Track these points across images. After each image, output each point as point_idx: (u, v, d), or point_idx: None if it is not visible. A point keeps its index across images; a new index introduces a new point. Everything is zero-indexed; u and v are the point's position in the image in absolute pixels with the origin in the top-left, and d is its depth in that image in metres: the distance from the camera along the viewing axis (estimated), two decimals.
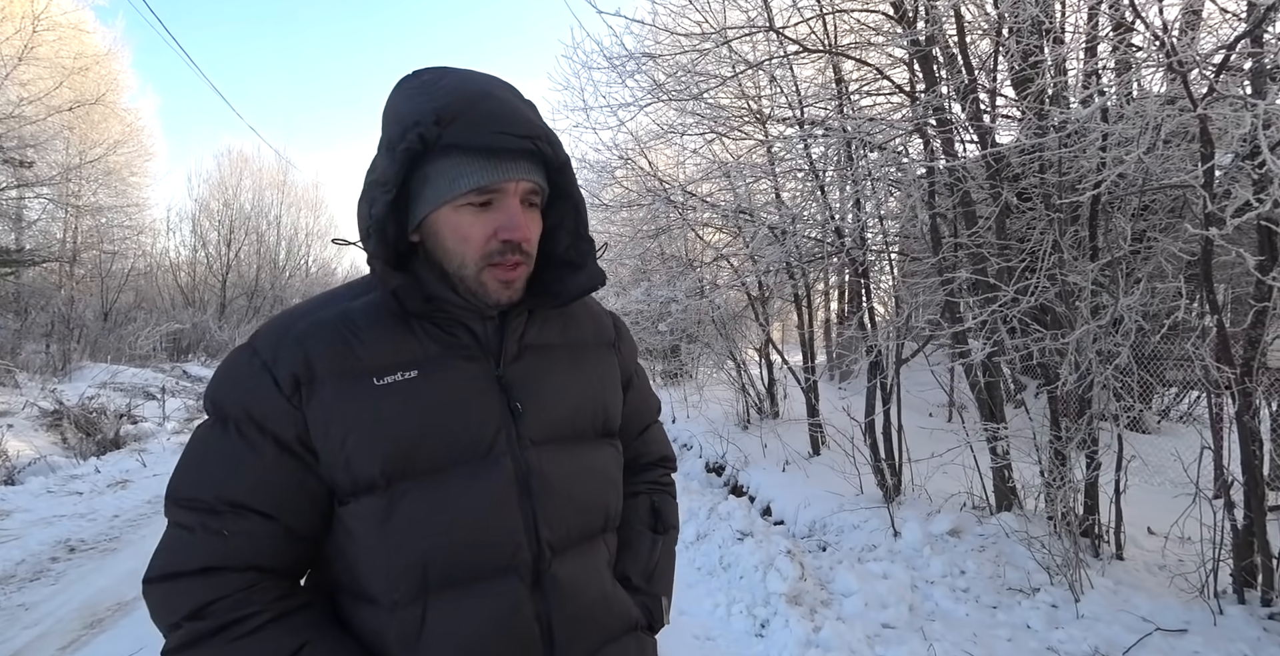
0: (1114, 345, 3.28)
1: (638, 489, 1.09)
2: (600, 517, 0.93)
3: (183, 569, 0.77)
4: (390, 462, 0.79)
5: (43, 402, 8.15)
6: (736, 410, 7.08)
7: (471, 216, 0.82)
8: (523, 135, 0.79)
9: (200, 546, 0.77)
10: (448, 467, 0.81)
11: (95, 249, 16.35)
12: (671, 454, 1.19)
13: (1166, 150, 3.41)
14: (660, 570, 1.04)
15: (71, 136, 14.95)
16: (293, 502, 0.80)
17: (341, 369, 0.81)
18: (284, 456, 0.79)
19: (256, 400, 0.80)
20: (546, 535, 0.85)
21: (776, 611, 3.06)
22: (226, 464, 0.79)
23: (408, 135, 0.78)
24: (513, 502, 0.83)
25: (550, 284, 0.92)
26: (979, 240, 3.84)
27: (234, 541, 0.77)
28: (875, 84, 4.93)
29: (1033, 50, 3.57)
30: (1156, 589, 3.07)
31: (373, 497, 0.80)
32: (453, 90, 0.81)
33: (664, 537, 1.07)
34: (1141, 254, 4.04)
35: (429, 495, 0.80)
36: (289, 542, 0.81)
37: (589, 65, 5.68)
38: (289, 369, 0.80)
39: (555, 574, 0.85)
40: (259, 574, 0.79)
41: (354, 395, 0.80)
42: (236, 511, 0.78)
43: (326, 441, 0.79)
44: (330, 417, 0.79)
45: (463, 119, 0.78)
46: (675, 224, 6.59)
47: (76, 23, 14.53)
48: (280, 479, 0.79)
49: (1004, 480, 3.81)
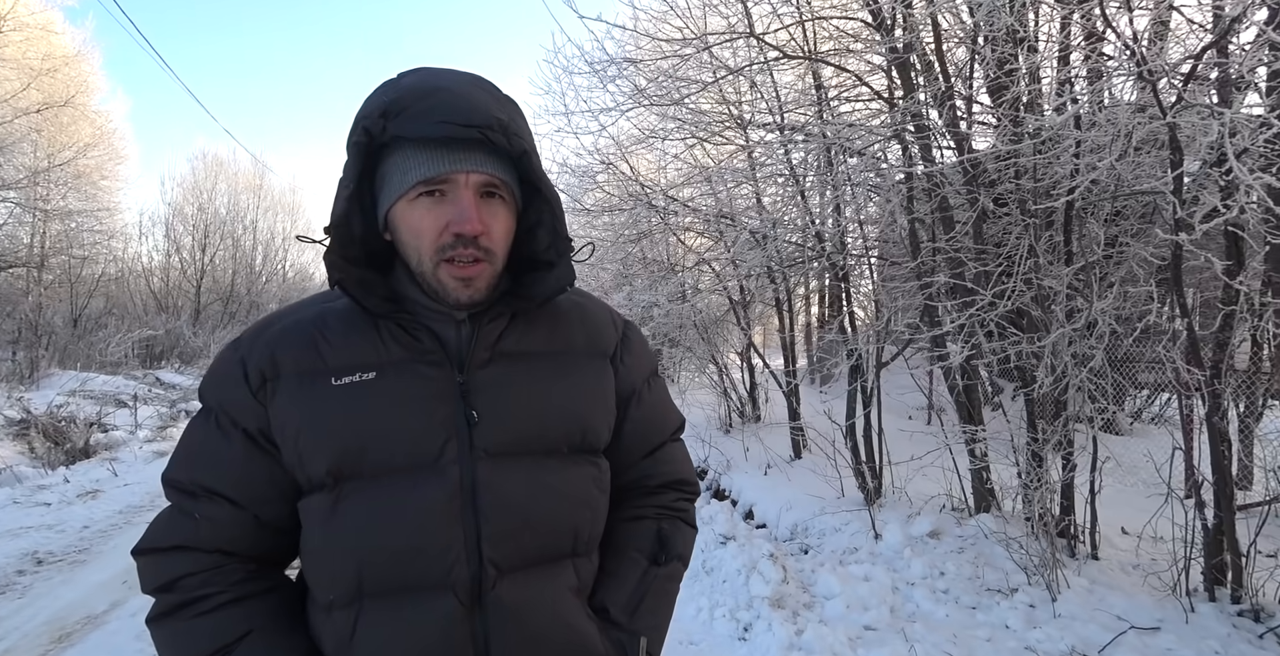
0: (1089, 348, 3.34)
1: (643, 513, 0.99)
2: (565, 540, 0.87)
3: (159, 544, 0.82)
4: (337, 462, 0.80)
5: (9, 411, 7.94)
6: (719, 414, 7.10)
7: (423, 210, 0.80)
8: (469, 124, 0.77)
9: (175, 525, 0.83)
10: (391, 473, 0.80)
11: (64, 254, 15.98)
12: (691, 477, 1.06)
13: (1138, 157, 3.49)
14: (648, 605, 0.92)
15: (40, 139, 14.63)
16: (260, 493, 0.83)
17: (304, 368, 0.82)
18: (252, 449, 0.82)
19: (229, 394, 0.83)
20: (490, 553, 0.80)
21: (759, 615, 3.07)
22: (204, 451, 0.84)
23: (356, 129, 0.79)
24: (454, 515, 0.79)
25: (528, 286, 0.90)
26: (957, 245, 3.89)
27: (204, 523, 0.82)
28: (854, 90, 4.99)
29: (1008, 58, 3.64)
30: (1131, 588, 3.12)
31: (321, 495, 0.81)
32: (410, 85, 0.81)
33: (662, 569, 0.95)
34: (1114, 258, 4.13)
35: (370, 498, 0.80)
36: (258, 530, 0.83)
37: (570, 70, 5.68)
38: (257, 366, 0.83)
39: (500, 595, 0.80)
40: (225, 556, 0.82)
41: (311, 394, 0.81)
42: (208, 496, 0.82)
43: (284, 437, 0.82)
44: (288, 414, 0.81)
45: (410, 111, 0.78)
46: (657, 228, 6.60)
47: (44, 23, 14.23)
48: (249, 469, 0.82)
49: (982, 482, 3.86)
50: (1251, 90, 3.06)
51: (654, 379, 1.04)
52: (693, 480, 1.07)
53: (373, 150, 0.81)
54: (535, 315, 0.91)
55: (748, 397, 7.05)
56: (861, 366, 4.45)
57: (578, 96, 5.58)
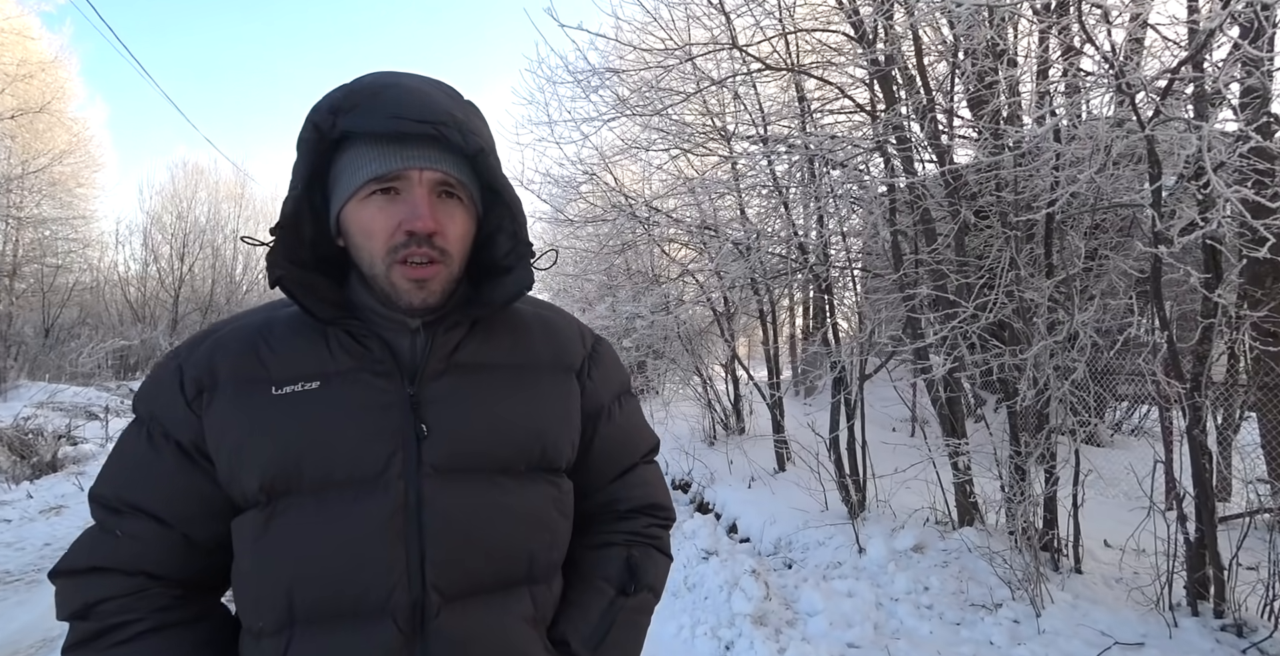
0: (1070, 360, 3.33)
1: (611, 540, 0.92)
2: (520, 566, 0.80)
3: (76, 565, 0.76)
4: (271, 476, 0.74)
5: None
6: (703, 426, 7.05)
7: (375, 209, 0.76)
8: (421, 119, 0.74)
9: (96, 545, 0.77)
10: (330, 488, 0.75)
11: (38, 262, 15.71)
12: (665, 502, 0.98)
13: (1117, 170, 3.52)
14: (614, 638, 0.85)
15: (14, 145, 14.42)
16: (191, 510, 0.77)
17: (243, 376, 0.77)
18: (184, 463, 0.77)
19: (162, 404, 0.79)
20: (434, 578, 0.74)
21: (741, 633, 3.01)
22: (132, 465, 0.78)
23: (305, 127, 0.76)
24: (395, 534, 0.74)
25: (486, 292, 0.85)
26: (939, 257, 3.89)
27: (126, 542, 0.76)
28: (837, 103, 5.01)
29: (988, 72, 3.66)
30: (1114, 602, 3.10)
31: (253, 513, 0.75)
32: (363, 83, 0.78)
33: (631, 599, 0.88)
34: (1095, 271, 4.15)
35: (305, 515, 0.74)
36: (187, 552, 0.77)
37: (554, 80, 5.66)
38: (194, 374, 0.78)
39: (443, 624, 0.74)
40: (148, 579, 0.76)
41: (249, 404, 0.76)
42: (133, 513, 0.76)
43: (219, 451, 0.76)
44: (224, 426, 0.76)
45: (361, 106, 0.75)
46: (641, 240, 6.58)
47: (20, 28, 14.05)
48: (180, 485, 0.77)
49: (966, 495, 3.83)
50: (1225, 106, 3.09)
51: (626, 397, 0.98)
52: (667, 505, 0.99)
53: (324, 149, 0.77)
54: (496, 326, 0.87)
55: (732, 409, 7.01)
56: (845, 378, 4.43)
57: (561, 106, 5.54)
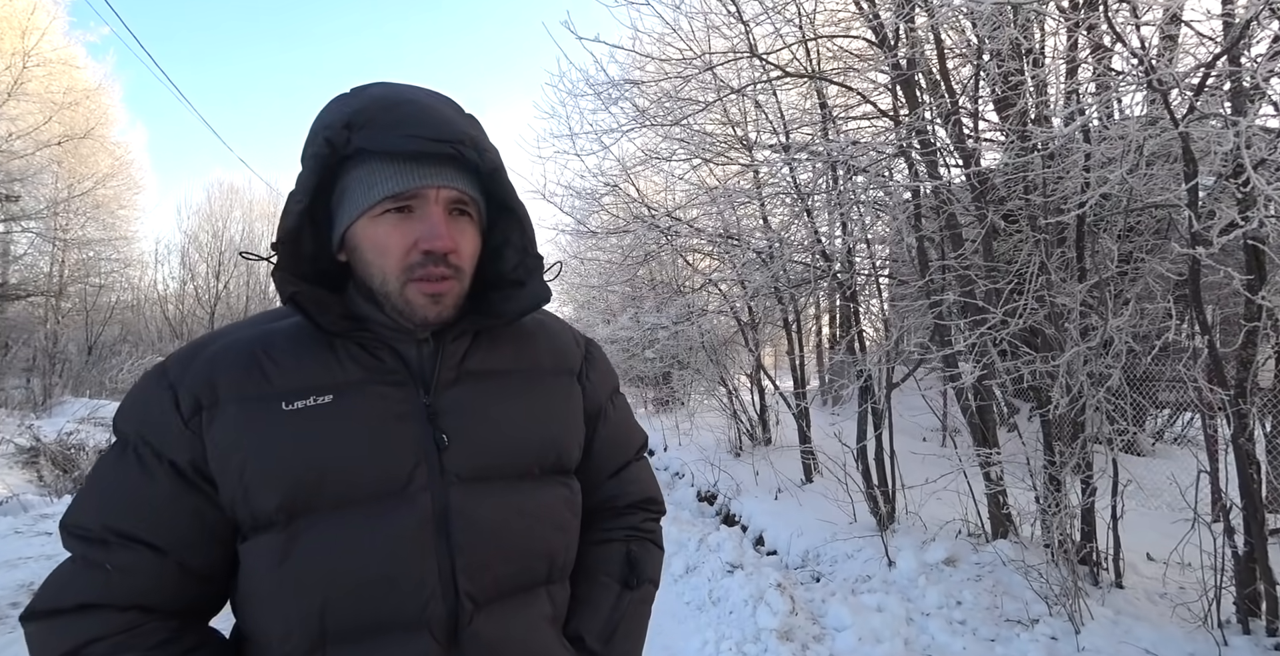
0: (1105, 367, 3.22)
1: (611, 536, 0.96)
2: (541, 567, 0.82)
3: (60, 605, 0.70)
4: (290, 495, 0.72)
5: (19, 439, 7.97)
6: (728, 437, 6.98)
7: (390, 227, 0.76)
8: (440, 138, 0.74)
9: (81, 581, 0.71)
10: (355, 503, 0.73)
11: (82, 282, 16.25)
12: (657, 495, 1.03)
13: (1150, 170, 3.41)
14: (624, 630, 0.89)
15: (60, 170, 14.96)
16: (188, 536, 0.73)
17: (248, 392, 0.74)
18: (180, 485, 0.73)
19: (154, 424, 0.74)
20: (466, 586, 0.75)
21: (767, 648, 2.94)
22: (119, 491, 0.73)
23: (315, 141, 0.74)
24: (427, 547, 0.74)
25: (497, 304, 0.85)
26: (966, 262, 3.81)
27: (117, 576, 0.71)
28: (859, 108, 4.96)
29: (1013, 73, 3.59)
30: (1158, 618, 2.97)
31: (270, 535, 0.72)
32: (371, 97, 0.77)
33: (635, 592, 0.93)
34: (1129, 275, 4.02)
35: (331, 534, 0.72)
36: (182, 580, 0.73)
37: (575, 93, 5.71)
38: (191, 391, 0.74)
39: (476, 631, 0.75)
40: (142, 614, 0.71)
41: (258, 421, 0.73)
42: (124, 543, 0.71)
43: (225, 471, 0.73)
44: (230, 445, 0.73)
45: (375, 122, 0.74)
46: (663, 250, 6.57)
47: (67, 58, 14.62)
48: (175, 510, 0.73)
49: (999, 506, 3.72)
50: (1265, 101, 2.98)
51: (617, 396, 1.01)
52: (659, 499, 1.03)
53: (333, 164, 0.76)
54: (499, 333, 0.87)
55: (758, 420, 6.93)
56: (872, 387, 4.35)
57: (582, 119, 5.57)
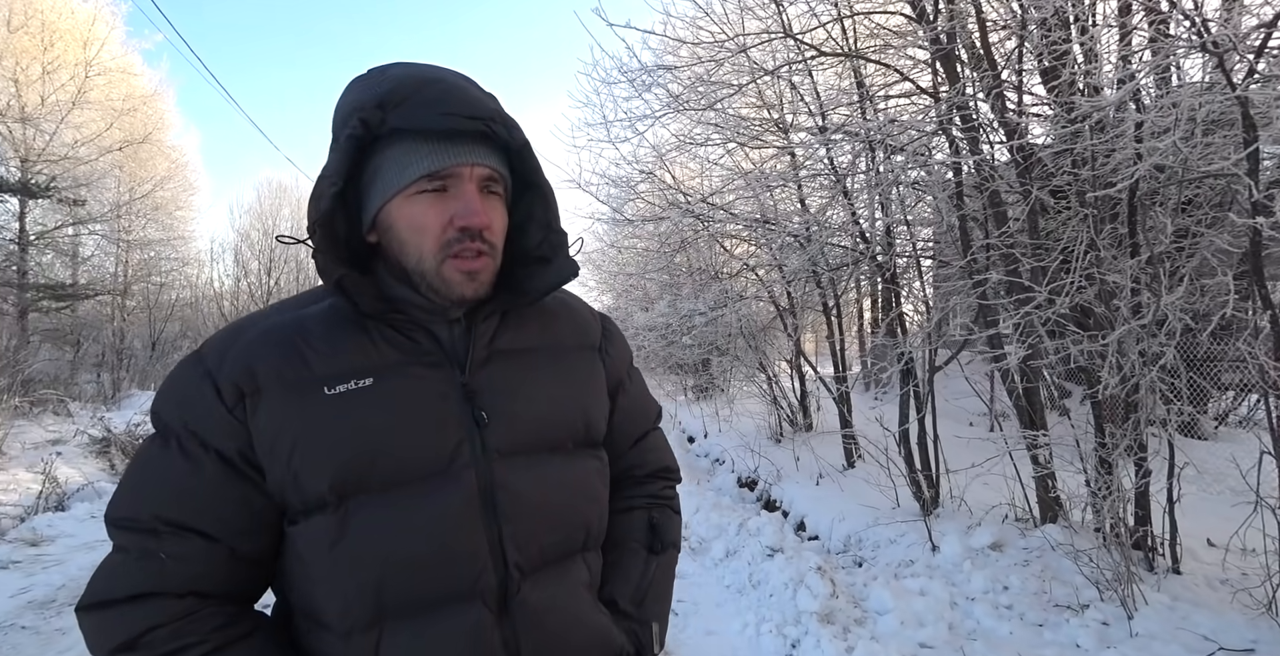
0: (1159, 346, 3.10)
1: (634, 504, 1.00)
2: (579, 536, 0.86)
3: (114, 596, 0.72)
4: (341, 478, 0.74)
5: (92, 430, 8.40)
6: (768, 423, 6.94)
7: (426, 205, 0.77)
8: (474, 116, 0.76)
9: (135, 571, 0.73)
10: (404, 483, 0.75)
11: (144, 281, 17.00)
12: (673, 464, 1.08)
13: (1207, 139, 3.25)
14: (653, 593, 0.94)
15: (121, 174, 15.63)
16: (237, 522, 0.75)
17: (289, 378, 0.76)
18: (227, 473, 0.75)
19: (197, 413, 0.75)
20: (514, 556, 0.78)
21: (808, 630, 2.93)
22: (166, 481, 0.75)
23: (350, 122, 0.76)
24: (475, 521, 0.77)
25: (523, 281, 0.87)
26: (1010, 240, 3.70)
27: (171, 564, 0.73)
28: (897, 86, 4.84)
29: (1059, 42, 3.45)
30: (1218, 605, 2.86)
31: (323, 516, 0.75)
32: (399, 77, 0.78)
33: (660, 557, 0.97)
34: (1185, 250, 3.85)
35: (383, 513, 0.75)
36: (233, 565, 0.75)
37: (608, 81, 5.69)
38: (232, 379, 0.75)
39: (525, 598, 0.78)
40: (199, 600, 0.73)
41: (302, 406, 0.75)
42: (175, 532, 0.73)
43: (272, 457, 0.75)
44: (276, 431, 0.75)
45: (409, 102, 0.75)
46: (700, 236, 6.54)
47: (125, 66, 15.25)
48: (223, 497, 0.74)
49: (1047, 490, 3.62)
50: None
51: (633, 369, 1.04)
52: (675, 467, 1.09)
53: (365, 144, 0.77)
54: (524, 312, 0.89)
55: (798, 406, 6.87)
56: (914, 370, 4.27)
57: (616, 106, 5.56)
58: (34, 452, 7.37)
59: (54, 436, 8.25)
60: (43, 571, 4.39)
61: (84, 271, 15.99)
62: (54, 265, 15.16)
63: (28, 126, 13.17)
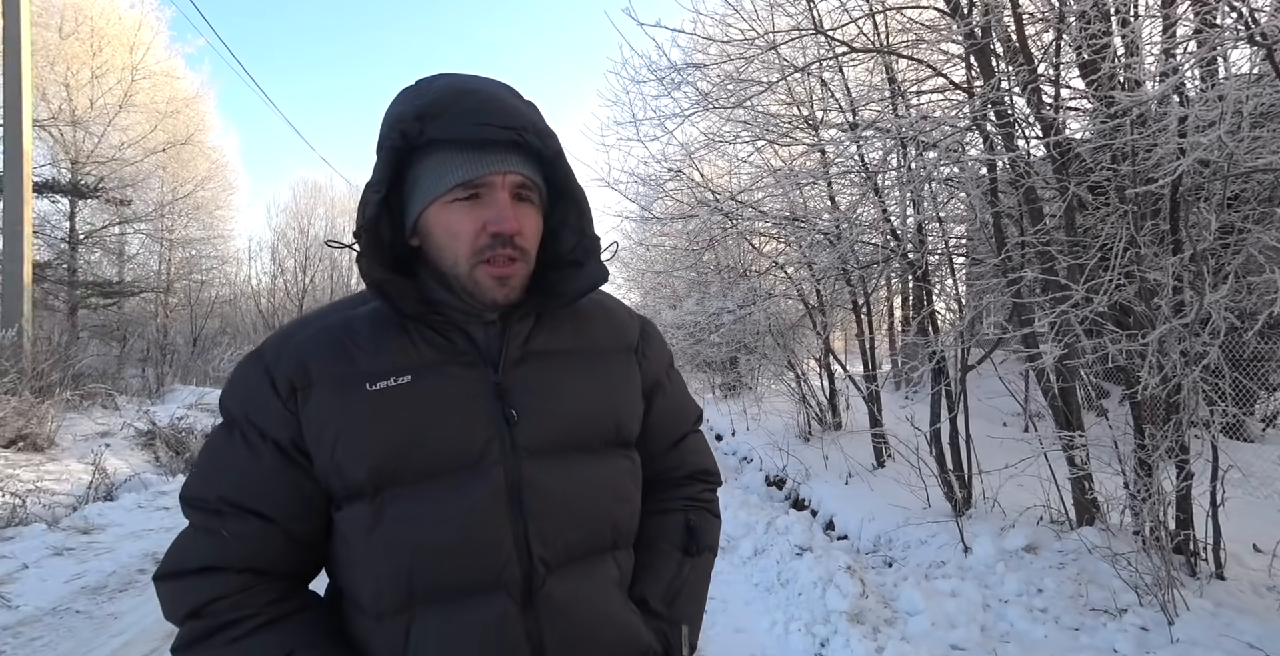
0: (1202, 345, 3.02)
1: (670, 505, 1.00)
2: (606, 533, 0.88)
3: (185, 567, 0.80)
4: (377, 468, 0.79)
5: (138, 423, 8.68)
6: (797, 422, 6.91)
7: (460, 212, 0.81)
8: (506, 126, 0.79)
9: (203, 545, 0.80)
10: (435, 476, 0.80)
11: (186, 279, 17.51)
12: (713, 467, 1.07)
13: (1254, 132, 3.16)
14: (685, 595, 0.94)
15: (165, 175, 16.11)
16: (292, 506, 0.81)
17: (337, 374, 0.81)
18: (282, 460, 0.81)
19: (257, 405, 0.82)
20: (539, 551, 0.81)
21: (837, 630, 2.93)
22: (230, 466, 0.82)
23: (391, 133, 0.80)
24: (501, 515, 0.80)
25: (556, 285, 0.90)
26: (1046, 238, 3.63)
27: (232, 542, 0.80)
28: (930, 82, 4.77)
29: (1098, 35, 3.37)
30: (1265, 612, 2.79)
31: (361, 504, 0.80)
32: (439, 89, 0.82)
33: (695, 560, 0.97)
34: (1231, 246, 3.74)
35: (415, 504, 0.79)
36: (288, 546, 0.82)
37: (637, 79, 5.71)
38: (286, 374, 0.81)
39: (550, 592, 0.81)
40: (255, 576, 0.80)
41: (346, 400, 0.80)
42: (236, 512, 0.80)
43: (319, 446, 0.80)
44: (322, 422, 0.80)
45: (447, 113, 0.79)
46: (729, 234, 6.53)
47: (168, 70, 15.70)
48: (279, 482, 0.81)
49: (1084, 492, 3.55)
50: None
51: (672, 370, 1.04)
52: (715, 470, 1.08)
53: (405, 154, 0.81)
54: (560, 314, 0.91)
55: (827, 404, 6.82)
56: (945, 369, 4.22)
57: (645, 105, 5.58)
58: (84, 444, 7.64)
59: (103, 428, 8.55)
60: (95, 558, 4.57)
61: (129, 269, 16.53)
62: (101, 263, 15.70)
63: (78, 129, 13.64)
